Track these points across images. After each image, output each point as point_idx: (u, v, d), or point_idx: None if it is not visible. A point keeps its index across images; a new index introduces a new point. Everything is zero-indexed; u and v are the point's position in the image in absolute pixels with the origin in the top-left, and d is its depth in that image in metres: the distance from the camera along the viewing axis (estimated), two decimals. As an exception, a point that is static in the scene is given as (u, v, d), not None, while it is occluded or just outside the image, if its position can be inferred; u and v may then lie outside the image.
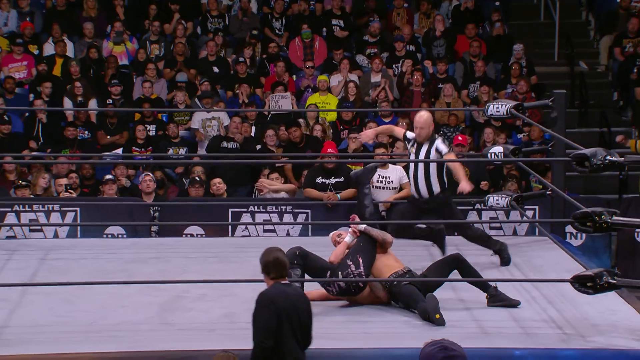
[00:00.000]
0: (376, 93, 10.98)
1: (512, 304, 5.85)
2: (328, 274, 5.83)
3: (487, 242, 6.87)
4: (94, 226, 8.51)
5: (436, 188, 6.74)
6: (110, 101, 10.88)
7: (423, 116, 6.78)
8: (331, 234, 6.19)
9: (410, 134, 6.89)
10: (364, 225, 6.00)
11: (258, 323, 4.38)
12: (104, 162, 10.02)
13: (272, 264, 4.47)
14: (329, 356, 5.07)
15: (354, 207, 8.55)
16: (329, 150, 9.07)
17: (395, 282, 5.79)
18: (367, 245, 5.95)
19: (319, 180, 8.92)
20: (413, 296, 5.70)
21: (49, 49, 11.79)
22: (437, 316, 5.48)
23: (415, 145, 6.80)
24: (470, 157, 9.36)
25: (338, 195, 8.81)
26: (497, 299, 5.84)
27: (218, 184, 9.13)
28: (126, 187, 9.33)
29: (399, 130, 7.13)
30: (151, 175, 9.07)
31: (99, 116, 10.93)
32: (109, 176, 9.17)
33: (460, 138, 9.15)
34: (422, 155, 6.72)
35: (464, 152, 9.01)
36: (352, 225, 6.01)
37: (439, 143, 6.77)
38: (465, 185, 6.75)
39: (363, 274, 5.81)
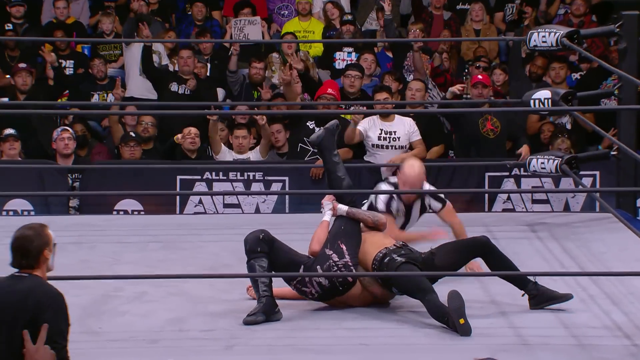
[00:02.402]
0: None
1: (563, 299, 5.88)
2: (301, 269, 5.84)
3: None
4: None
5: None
6: (9, 26, 10.80)
7: (415, 169, 6.36)
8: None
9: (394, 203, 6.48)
10: (345, 208, 6.01)
11: None
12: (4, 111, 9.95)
13: (11, 248, 4.39)
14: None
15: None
16: (329, 90, 9.07)
17: (386, 260, 5.81)
18: (350, 226, 5.95)
19: (310, 124, 8.94)
20: (416, 282, 5.72)
21: None
22: (462, 321, 5.52)
23: (404, 209, 6.48)
24: (500, 105, 9.37)
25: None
26: (542, 299, 5.88)
27: (195, 136, 9.05)
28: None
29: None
30: (70, 130, 9.03)
31: (-5, 47, 10.87)
32: (9, 130, 9.13)
33: (480, 77, 9.13)
34: (415, 215, 6.49)
35: (487, 96, 9.00)
36: (333, 205, 6.01)
37: (431, 199, 6.52)
38: (473, 265, 6.34)
39: (350, 263, 5.85)
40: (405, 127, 8.68)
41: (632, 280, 5.94)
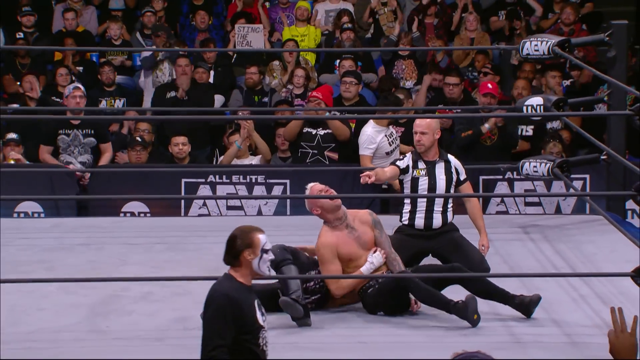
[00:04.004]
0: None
1: (535, 300, 5.80)
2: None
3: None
4: (1, 201, 8.47)
5: (450, 215, 6.65)
6: (20, 35, 10.79)
7: (425, 120, 6.68)
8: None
9: (403, 162, 6.63)
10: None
11: None
12: (11, 117, 9.93)
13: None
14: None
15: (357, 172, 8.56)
16: (313, 93, 9.03)
17: (369, 290, 5.85)
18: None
19: (304, 129, 8.93)
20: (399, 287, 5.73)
21: None
22: (475, 317, 5.60)
23: (426, 167, 6.61)
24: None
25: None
26: (529, 307, 5.81)
27: (182, 145, 9.04)
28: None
29: (391, 170, 6.65)
30: (82, 89, 8.84)
31: (6, 55, 10.85)
32: (11, 135, 9.10)
33: (490, 86, 9.10)
34: (441, 177, 6.59)
35: (494, 105, 8.99)
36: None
37: (458, 162, 6.67)
38: (484, 241, 6.64)
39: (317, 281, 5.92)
40: (391, 127, 8.65)
41: (622, 280, 5.91)
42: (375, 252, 5.91)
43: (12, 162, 8.82)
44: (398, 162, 6.65)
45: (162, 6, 11.36)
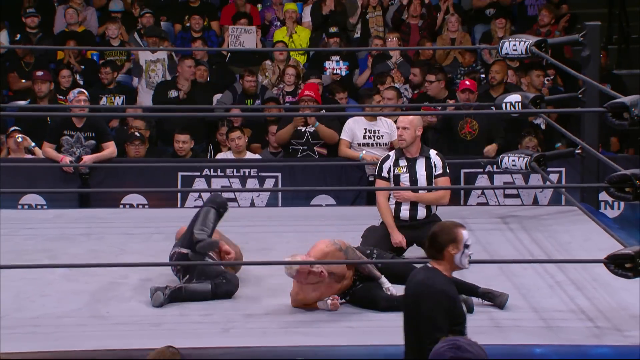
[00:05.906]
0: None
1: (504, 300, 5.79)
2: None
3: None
4: (5, 194, 8.44)
5: (434, 207, 6.72)
6: (18, 36, 10.75)
7: (408, 117, 6.69)
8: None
9: (384, 169, 6.64)
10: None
11: None
12: (14, 113, 9.91)
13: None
14: (305, 355, 5.10)
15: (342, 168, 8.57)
16: (306, 92, 9.03)
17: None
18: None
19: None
20: (375, 297, 5.69)
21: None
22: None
23: (407, 164, 6.64)
24: (480, 108, 9.34)
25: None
26: (494, 302, 5.81)
27: (182, 143, 9.03)
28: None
29: (385, 194, 6.69)
30: (85, 93, 8.80)
31: (10, 54, 10.82)
32: (16, 127, 9.07)
33: (467, 83, 9.12)
34: (422, 173, 6.62)
35: (473, 101, 8.99)
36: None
37: (438, 158, 6.67)
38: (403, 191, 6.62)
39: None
40: (388, 126, 8.65)
41: (595, 267, 5.93)
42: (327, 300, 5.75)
43: (19, 137, 8.82)
44: (383, 174, 6.68)
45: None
